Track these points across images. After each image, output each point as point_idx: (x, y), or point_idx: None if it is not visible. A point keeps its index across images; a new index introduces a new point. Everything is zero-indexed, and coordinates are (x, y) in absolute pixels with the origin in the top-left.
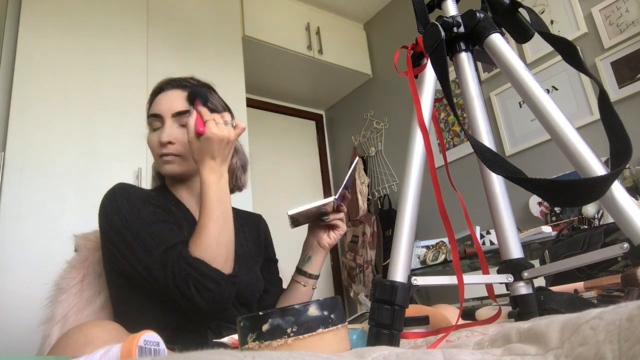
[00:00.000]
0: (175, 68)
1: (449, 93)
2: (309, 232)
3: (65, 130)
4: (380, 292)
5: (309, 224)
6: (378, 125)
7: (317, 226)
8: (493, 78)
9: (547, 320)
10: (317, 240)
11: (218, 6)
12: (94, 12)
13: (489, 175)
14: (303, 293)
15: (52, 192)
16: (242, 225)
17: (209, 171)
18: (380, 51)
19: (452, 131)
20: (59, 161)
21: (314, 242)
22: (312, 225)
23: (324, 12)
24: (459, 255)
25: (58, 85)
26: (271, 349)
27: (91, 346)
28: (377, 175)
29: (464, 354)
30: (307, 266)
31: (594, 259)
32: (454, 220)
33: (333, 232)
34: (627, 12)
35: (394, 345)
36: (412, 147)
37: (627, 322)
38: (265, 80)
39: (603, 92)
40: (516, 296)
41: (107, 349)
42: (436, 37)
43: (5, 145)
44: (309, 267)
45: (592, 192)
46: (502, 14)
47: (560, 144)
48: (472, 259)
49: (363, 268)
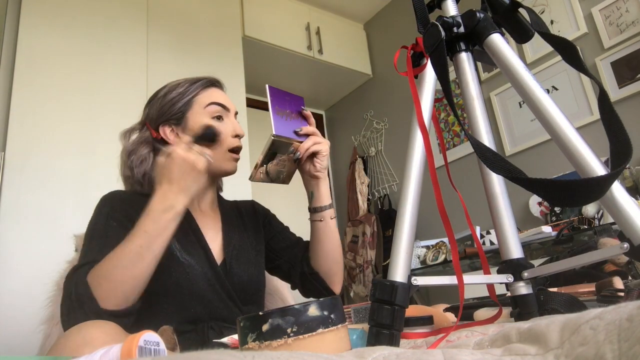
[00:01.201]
0: (175, 68)
1: (449, 93)
2: (300, 172)
3: (65, 130)
4: (380, 292)
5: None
6: (378, 125)
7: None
8: (493, 78)
9: (547, 320)
10: (307, 174)
11: (218, 6)
12: (94, 13)
13: (489, 175)
14: (324, 228)
15: (52, 192)
16: (242, 215)
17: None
18: (380, 51)
19: (452, 131)
20: (59, 161)
21: (306, 178)
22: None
23: (324, 12)
24: (459, 255)
25: (58, 85)
26: (271, 349)
27: (90, 346)
28: (377, 175)
29: (464, 354)
30: (314, 201)
31: (594, 259)
32: (454, 220)
33: (316, 158)
34: (627, 12)
35: (394, 345)
36: (412, 147)
37: (627, 322)
38: (265, 80)
39: (603, 92)
40: (516, 296)
41: (107, 349)
42: (436, 37)
43: (5, 145)
44: (315, 201)
45: (592, 192)
46: (502, 14)
47: (560, 144)
48: (472, 259)
49: (363, 268)
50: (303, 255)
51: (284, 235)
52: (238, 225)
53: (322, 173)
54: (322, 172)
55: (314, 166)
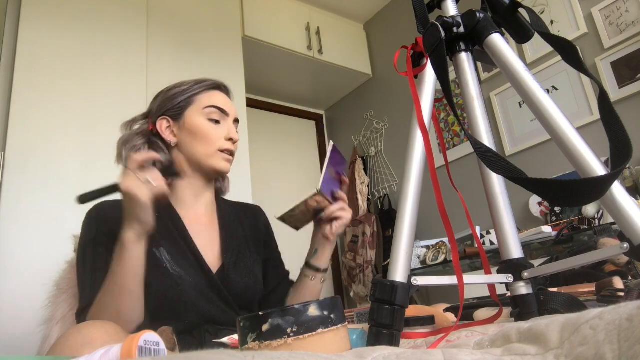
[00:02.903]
0: (175, 68)
1: (449, 93)
2: (315, 225)
3: (65, 130)
4: (380, 292)
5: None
6: (378, 125)
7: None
8: (493, 78)
9: (547, 320)
10: (321, 233)
11: (218, 6)
12: (94, 13)
13: (489, 175)
14: (312, 287)
15: (52, 192)
16: (242, 219)
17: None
18: (380, 51)
19: (452, 131)
20: (59, 161)
21: (319, 235)
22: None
23: (324, 12)
24: (459, 255)
25: (58, 85)
26: (271, 349)
27: (89, 347)
28: (377, 175)
29: (464, 354)
30: (314, 259)
31: (594, 259)
32: (454, 220)
33: (335, 222)
34: (627, 12)
35: (394, 345)
36: (412, 147)
37: (627, 322)
38: (265, 80)
39: (603, 92)
40: (516, 296)
41: (107, 349)
42: (436, 37)
43: (5, 145)
44: (315, 260)
45: (592, 192)
46: (502, 14)
47: (560, 144)
48: (472, 259)
49: (363, 268)
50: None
51: (277, 264)
52: (237, 230)
53: (334, 237)
54: (334, 236)
55: (330, 228)
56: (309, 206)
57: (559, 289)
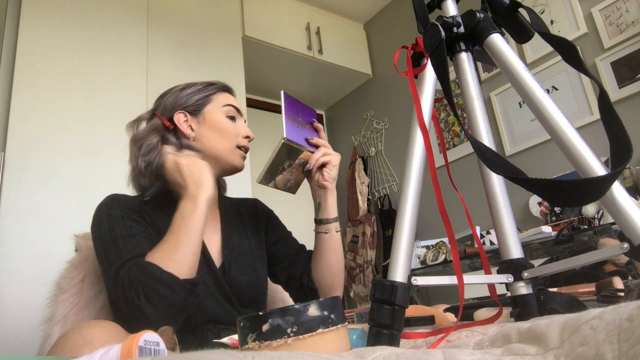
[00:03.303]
0: (175, 68)
1: (449, 93)
2: (309, 181)
3: (66, 130)
4: (380, 292)
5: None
6: (378, 125)
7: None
8: (493, 78)
9: (547, 320)
10: (316, 183)
11: (218, 6)
12: (94, 13)
13: (489, 175)
14: (330, 241)
15: (52, 192)
16: (242, 215)
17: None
18: (380, 51)
19: (452, 131)
20: (59, 161)
21: (315, 188)
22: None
23: (324, 12)
24: (459, 255)
25: (58, 85)
26: (271, 349)
27: (90, 346)
28: (377, 175)
29: (464, 354)
30: (321, 213)
31: (594, 259)
32: (454, 220)
33: (325, 168)
34: (627, 12)
35: (394, 345)
36: (412, 147)
37: (627, 322)
38: (265, 80)
39: (603, 92)
40: (516, 296)
41: (107, 349)
42: (436, 37)
43: (5, 145)
44: (322, 213)
45: (592, 192)
46: (502, 14)
47: (560, 144)
48: (472, 259)
49: (363, 268)
50: (305, 267)
51: (287, 241)
52: (237, 225)
53: (330, 183)
54: (330, 182)
55: (322, 175)
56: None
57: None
